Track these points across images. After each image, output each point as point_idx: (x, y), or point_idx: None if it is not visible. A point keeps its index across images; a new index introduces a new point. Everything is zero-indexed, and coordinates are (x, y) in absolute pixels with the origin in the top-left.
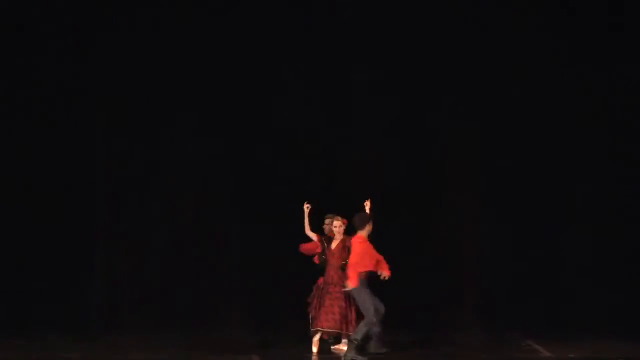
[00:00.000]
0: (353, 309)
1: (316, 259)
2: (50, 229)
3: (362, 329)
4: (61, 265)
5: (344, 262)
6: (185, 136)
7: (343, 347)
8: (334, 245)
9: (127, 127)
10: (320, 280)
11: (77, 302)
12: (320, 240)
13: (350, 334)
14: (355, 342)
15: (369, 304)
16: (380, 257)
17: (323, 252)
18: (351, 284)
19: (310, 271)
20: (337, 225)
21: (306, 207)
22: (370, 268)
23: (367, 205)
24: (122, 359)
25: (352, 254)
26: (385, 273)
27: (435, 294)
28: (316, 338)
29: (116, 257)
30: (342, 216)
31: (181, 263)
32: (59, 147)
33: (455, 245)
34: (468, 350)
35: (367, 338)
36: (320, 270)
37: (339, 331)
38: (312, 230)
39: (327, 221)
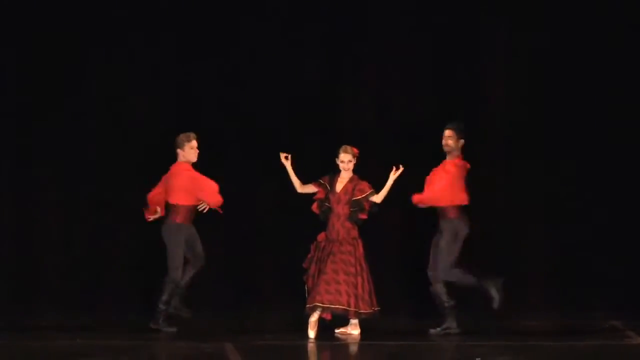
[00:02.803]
0: (366, 276)
1: (315, 208)
2: None
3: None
4: None
5: (353, 210)
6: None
7: (352, 330)
8: (339, 186)
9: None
10: (322, 236)
11: None
12: (320, 186)
13: (362, 311)
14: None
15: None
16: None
17: (326, 198)
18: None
19: (305, 228)
20: (344, 160)
21: (284, 158)
22: None
23: (394, 173)
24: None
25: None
26: None
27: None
28: (314, 318)
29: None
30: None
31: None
32: None
33: (519, 217)
34: (540, 336)
35: None
36: (322, 223)
37: (345, 308)
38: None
39: (341, 156)
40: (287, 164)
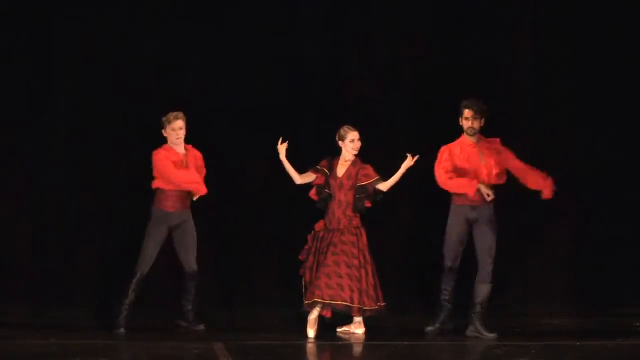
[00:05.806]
0: (370, 269)
1: (313, 194)
2: None
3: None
4: None
5: (359, 197)
6: None
7: (356, 329)
8: (340, 171)
9: None
10: (319, 225)
11: None
12: (318, 172)
13: (367, 308)
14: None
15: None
16: None
17: (326, 184)
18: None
19: (301, 215)
20: (354, 138)
21: (280, 148)
22: None
23: (409, 160)
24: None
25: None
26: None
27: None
28: (313, 315)
29: None
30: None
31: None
32: None
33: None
34: (565, 335)
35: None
36: (320, 211)
37: (348, 304)
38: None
39: (350, 135)
40: (282, 153)
